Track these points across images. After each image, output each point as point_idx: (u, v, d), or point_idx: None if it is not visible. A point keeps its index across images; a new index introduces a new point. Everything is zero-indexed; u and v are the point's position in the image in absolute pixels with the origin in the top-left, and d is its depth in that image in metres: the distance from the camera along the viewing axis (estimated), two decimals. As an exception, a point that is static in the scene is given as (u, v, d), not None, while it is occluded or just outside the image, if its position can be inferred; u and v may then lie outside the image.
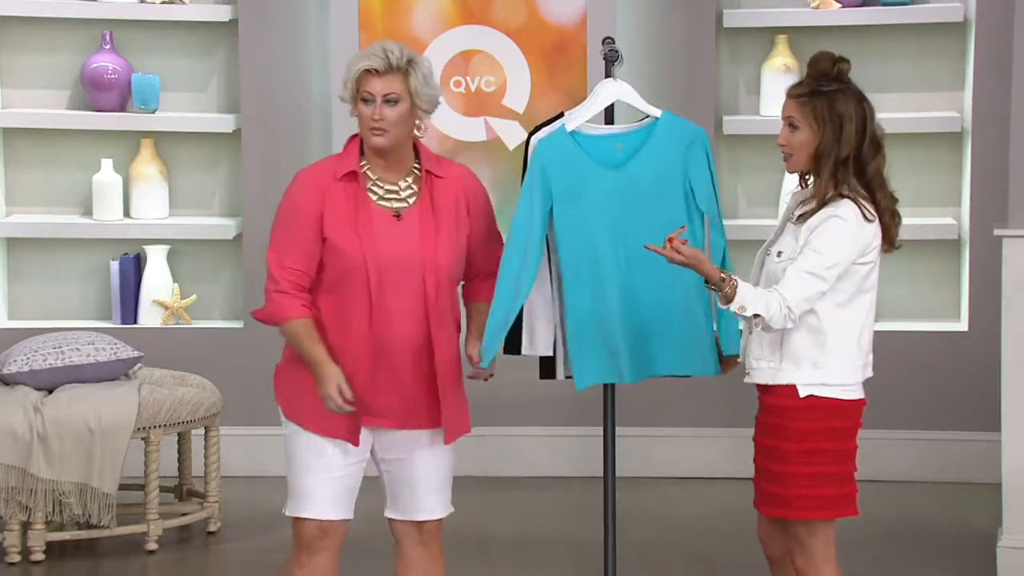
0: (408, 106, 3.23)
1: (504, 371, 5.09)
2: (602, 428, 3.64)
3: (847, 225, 3.15)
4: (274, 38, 5.07)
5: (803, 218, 3.19)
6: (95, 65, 5.12)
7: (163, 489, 4.56)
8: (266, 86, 5.10)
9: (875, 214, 3.18)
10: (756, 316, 3.14)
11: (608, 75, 3.59)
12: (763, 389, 3.27)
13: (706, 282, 3.17)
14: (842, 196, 3.17)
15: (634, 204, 3.43)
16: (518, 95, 5.04)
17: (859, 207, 3.17)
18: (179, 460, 4.69)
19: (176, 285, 5.21)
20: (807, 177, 3.25)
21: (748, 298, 3.15)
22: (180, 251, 5.23)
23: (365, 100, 3.26)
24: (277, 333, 3.29)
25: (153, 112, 5.15)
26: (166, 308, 5.18)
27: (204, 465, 4.59)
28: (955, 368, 4.97)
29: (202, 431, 4.62)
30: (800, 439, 3.21)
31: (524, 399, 5.06)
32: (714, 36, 5.01)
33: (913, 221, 5.04)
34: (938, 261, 5.07)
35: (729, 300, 3.15)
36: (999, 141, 4.53)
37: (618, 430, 3.67)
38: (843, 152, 3.16)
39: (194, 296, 5.21)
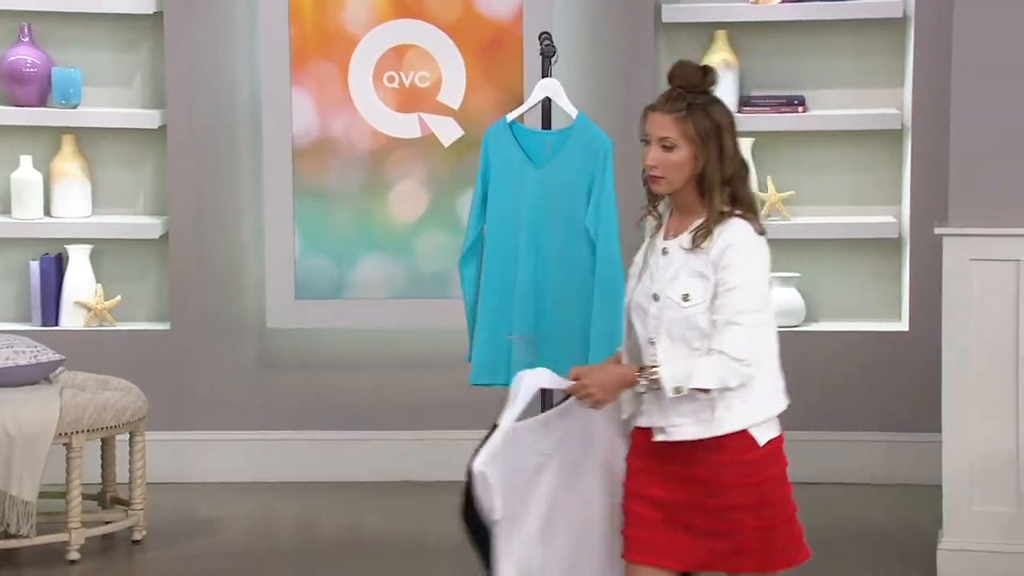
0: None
1: (439, 373, 5.12)
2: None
3: (752, 246, 2.94)
4: (201, 31, 5.06)
5: (695, 249, 2.93)
6: (13, 58, 5.08)
7: (86, 497, 4.54)
8: (192, 81, 5.08)
9: (763, 226, 2.99)
10: (702, 390, 2.88)
11: (544, 71, 3.63)
12: (694, 444, 2.94)
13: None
14: (731, 216, 2.95)
15: (550, 205, 3.49)
16: (453, 91, 5.05)
17: (751, 223, 2.97)
18: (102, 467, 4.67)
19: (99, 286, 5.18)
20: (657, 202, 3.01)
21: (681, 375, 2.87)
22: (103, 251, 5.20)
23: None
24: (203, 335, 3.28)
25: (75, 107, 5.12)
26: (89, 310, 5.15)
27: (129, 471, 4.57)
28: (896, 368, 5.05)
29: (127, 436, 4.60)
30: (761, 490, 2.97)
31: (458, 401, 5.08)
32: (653, 31, 5.05)
33: (853, 220, 5.11)
34: (878, 260, 5.15)
35: (659, 388, 2.88)
36: (939, 138, 4.60)
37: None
38: (728, 169, 2.95)
39: (118, 297, 5.19)
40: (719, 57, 5.07)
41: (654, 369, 2.88)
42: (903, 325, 5.08)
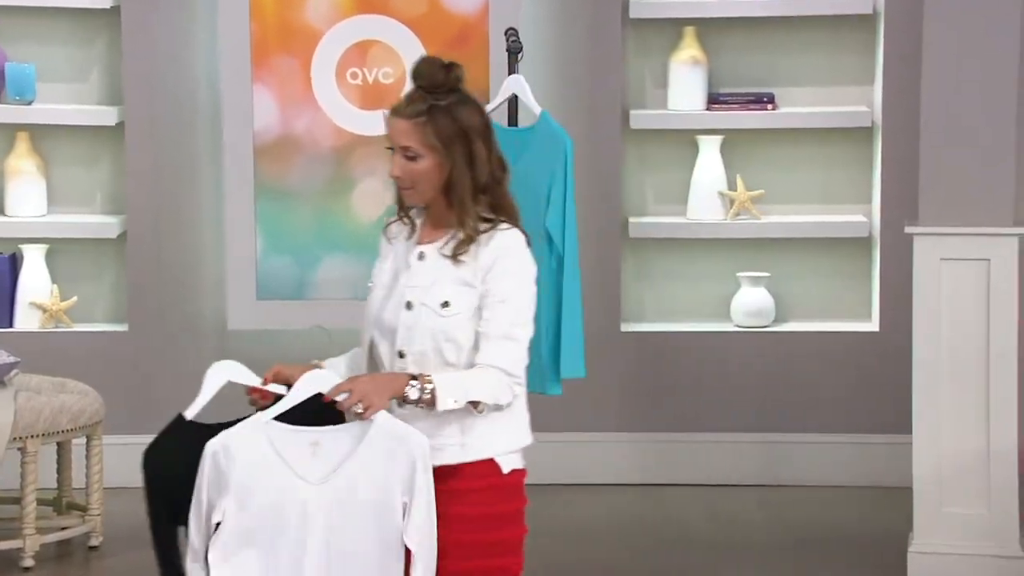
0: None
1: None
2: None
3: (525, 258, 2.77)
4: (159, 26, 5.04)
5: (458, 257, 2.74)
6: (-34, 53, 5.06)
7: (41, 502, 4.51)
8: (151, 77, 5.06)
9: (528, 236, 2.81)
10: (475, 404, 2.70)
11: (511, 68, 3.63)
12: (455, 469, 2.75)
13: (402, 400, 2.68)
14: (498, 223, 2.76)
15: (521, 203, 3.49)
16: (417, 87, 5.05)
17: (521, 231, 2.79)
18: (58, 471, 4.64)
19: (55, 286, 5.15)
20: (408, 209, 2.81)
21: (457, 387, 2.68)
22: (59, 251, 5.18)
23: None
24: (162, 337, 3.27)
25: (29, 104, 5.09)
26: (44, 311, 5.12)
27: (85, 476, 4.55)
28: (866, 369, 5.07)
29: (83, 440, 4.57)
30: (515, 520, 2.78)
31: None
32: (620, 27, 5.07)
33: (823, 219, 5.14)
34: (848, 260, 5.17)
35: (433, 404, 2.66)
36: (910, 137, 4.63)
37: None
38: (481, 176, 2.74)
39: (74, 298, 5.16)
40: (687, 54, 5.09)
41: (428, 378, 2.68)
42: (873, 325, 5.11)
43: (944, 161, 4.09)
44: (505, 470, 2.76)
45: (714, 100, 5.11)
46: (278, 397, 2.79)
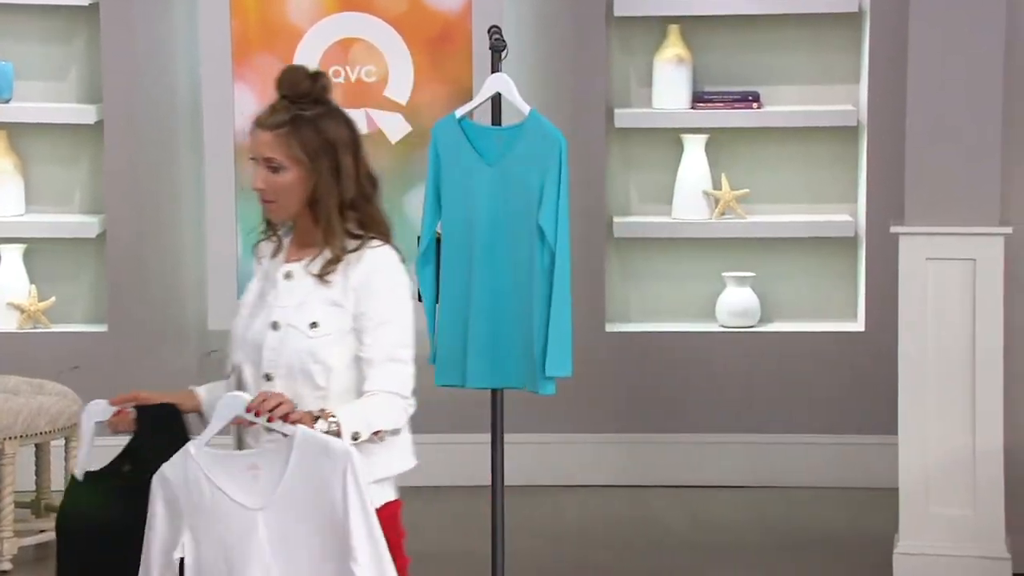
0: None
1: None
2: (490, 435, 3.67)
3: (400, 276, 2.69)
4: (138, 23, 5.02)
5: (327, 276, 2.65)
6: (-57, 51, 5.04)
7: (19, 504, 4.50)
8: (130, 75, 5.05)
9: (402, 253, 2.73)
10: (376, 433, 2.63)
11: (494, 66, 3.63)
12: None
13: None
14: (368, 239, 2.67)
15: (502, 203, 3.49)
16: (400, 86, 5.05)
17: (393, 248, 2.71)
18: (36, 473, 4.63)
19: (33, 287, 5.14)
20: (276, 225, 2.73)
21: (357, 421, 2.58)
22: (37, 250, 5.16)
23: None
24: (142, 337, 3.26)
25: (7, 102, 5.07)
26: (22, 311, 5.11)
27: (64, 478, 4.53)
28: (852, 369, 5.09)
29: (62, 442, 4.56)
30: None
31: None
32: (604, 25, 5.07)
33: (809, 218, 5.15)
34: (834, 259, 5.19)
35: (339, 434, 2.56)
36: (895, 136, 4.64)
37: (505, 437, 3.71)
38: (348, 191, 2.64)
39: (53, 298, 5.15)
40: (671, 52, 5.09)
41: (330, 412, 2.57)
42: (859, 325, 5.12)
43: (930, 160, 4.11)
44: (377, 504, 2.64)
45: (699, 99, 5.12)
46: (141, 415, 2.73)
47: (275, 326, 2.69)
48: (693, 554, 4.51)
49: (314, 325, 2.65)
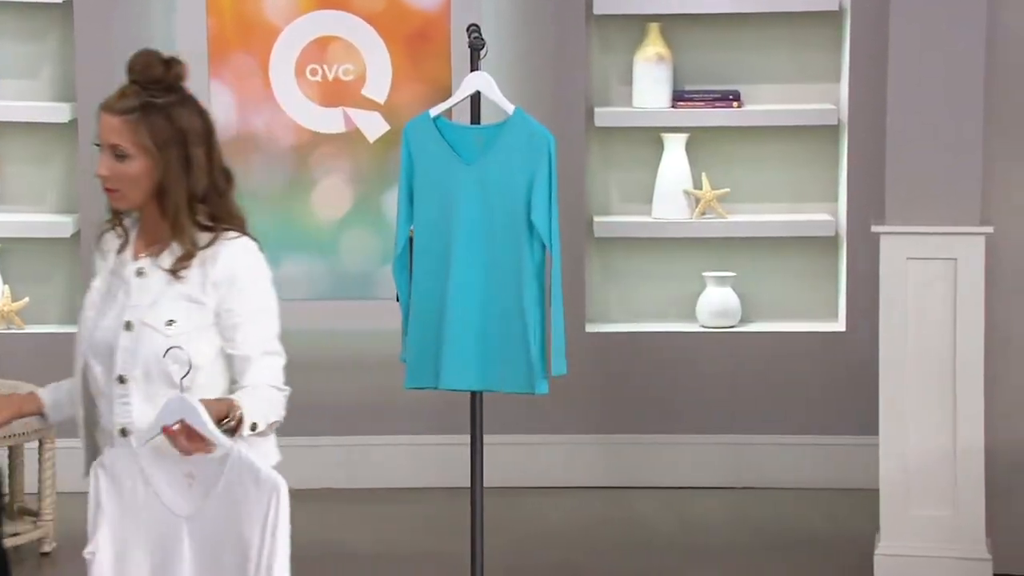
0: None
1: (365, 377, 5.11)
2: (469, 436, 3.67)
3: (263, 267, 2.65)
4: (113, 20, 5.01)
5: (181, 271, 2.60)
6: (-85, 48, 5.01)
7: (-7, 508, 4.48)
8: (105, 73, 5.02)
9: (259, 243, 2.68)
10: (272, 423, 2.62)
11: (473, 64, 3.63)
12: None
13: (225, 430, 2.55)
14: (221, 231, 2.61)
15: (484, 202, 3.49)
16: (378, 84, 5.04)
17: (254, 240, 2.66)
18: (10, 476, 4.61)
19: (6, 287, 5.12)
20: (121, 216, 2.66)
21: (257, 411, 2.57)
22: (10, 250, 5.14)
23: None
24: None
25: (-20, 100, 5.05)
26: (-4, 312, 5.09)
27: (38, 481, 4.52)
28: (833, 370, 5.09)
29: (36, 444, 4.54)
30: None
31: (384, 406, 5.07)
32: (584, 24, 5.07)
33: (789, 218, 5.16)
34: (815, 259, 5.19)
35: (238, 428, 2.54)
36: (876, 135, 4.65)
37: (484, 438, 3.70)
38: (198, 184, 2.58)
39: (26, 299, 5.12)
40: (652, 51, 5.10)
41: (238, 406, 2.53)
42: (840, 325, 5.13)
43: (910, 159, 4.11)
44: None
45: (679, 97, 5.12)
46: None
47: (128, 326, 2.61)
48: (674, 555, 4.51)
49: (170, 323, 2.58)
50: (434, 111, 3.54)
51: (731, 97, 5.12)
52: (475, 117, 3.69)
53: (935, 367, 4.10)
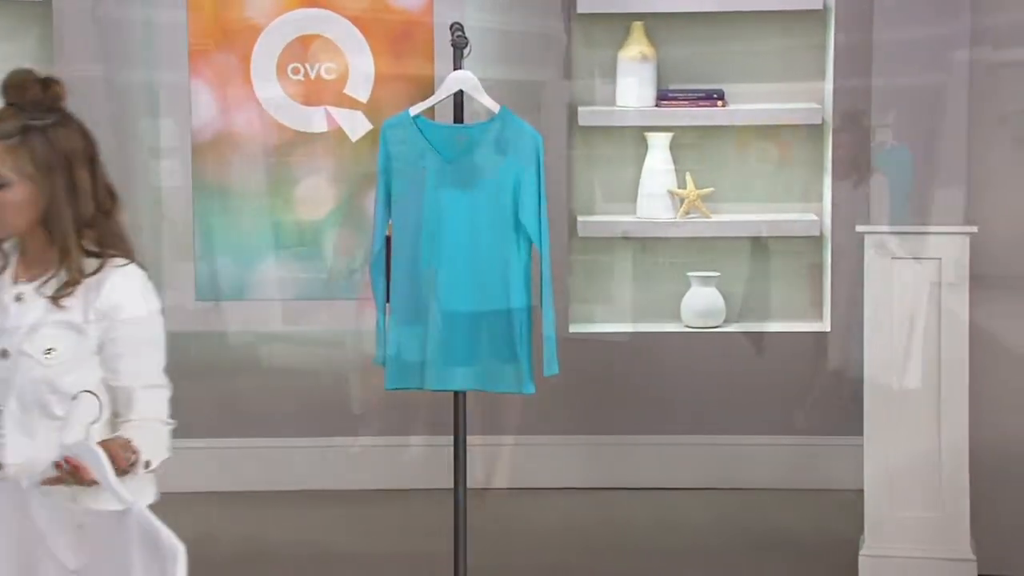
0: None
1: (346, 378, 5.10)
2: (452, 438, 3.66)
3: (149, 296, 2.57)
4: (92, 20, 4.99)
5: (63, 298, 2.49)
6: None
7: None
8: (84, 72, 5.01)
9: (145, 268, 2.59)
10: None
11: (456, 63, 3.62)
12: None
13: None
14: (107, 258, 2.52)
15: (466, 202, 3.48)
16: (361, 83, 5.03)
17: (142, 267, 2.58)
18: (-11, 479, 4.59)
19: (-14, 288, 5.10)
20: (2, 241, 2.52)
21: (150, 448, 2.49)
22: (-10, 251, 5.12)
23: None
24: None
25: (-41, 99, 5.03)
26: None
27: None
28: (817, 370, 5.10)
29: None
30: None
31: (366, 407, 5.06)
32: (567, 22, 5.06)
33: (774, 217, 5.16)
34: (800, 259, 5.20)
35: (136, 463, 2.45)
36: (860, 134, 4.66)
37: (468, 439, 3.70)
38: (85, 208, 2.48)
39: (6, 300, 5.11)
40: (635, 50, 5.10)
41: (132, 442, 2.45)
42: (825, 325, 5.14)
43: (895, 159, 4.12)
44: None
45: (663, 96, 5.12)
46: None
47: (4, 354, 2.50)
48: (657, 557, 4.51)
49: (49, 352, 2.48)
50: (414, 110, 3.54)
51: (715, 96, 5.12)
52: (458, 116, 3.69)
53: (919, 367, 4.10)
